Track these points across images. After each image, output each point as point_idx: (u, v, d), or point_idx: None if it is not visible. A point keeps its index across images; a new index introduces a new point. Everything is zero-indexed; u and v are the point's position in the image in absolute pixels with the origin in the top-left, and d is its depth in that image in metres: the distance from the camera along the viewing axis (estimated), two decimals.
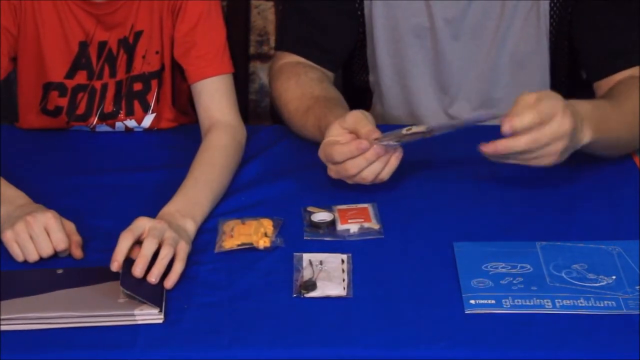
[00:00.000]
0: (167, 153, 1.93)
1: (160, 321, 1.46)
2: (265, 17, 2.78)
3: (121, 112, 1.97)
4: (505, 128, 1.59)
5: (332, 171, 1.72)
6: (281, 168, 1.87)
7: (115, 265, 1.51)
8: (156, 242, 1.54)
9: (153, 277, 1.51)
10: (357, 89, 2.16)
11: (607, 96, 1.84)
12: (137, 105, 1.97)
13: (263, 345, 1.42)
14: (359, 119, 1.69)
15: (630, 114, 1.80)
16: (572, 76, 2.09)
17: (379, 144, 1.66)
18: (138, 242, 1.55)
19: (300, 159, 1.89)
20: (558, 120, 1.59)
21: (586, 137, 1.67)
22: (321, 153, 1.71)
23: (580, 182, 1.80)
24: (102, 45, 1.92)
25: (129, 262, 1.52)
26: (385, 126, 1.77)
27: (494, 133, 1.63)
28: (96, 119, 1.96)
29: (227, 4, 2.43)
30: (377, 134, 1.66)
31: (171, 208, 1.65)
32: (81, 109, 1.95)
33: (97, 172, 1.86)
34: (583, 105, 1.68)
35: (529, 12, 1.97)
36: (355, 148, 1.65)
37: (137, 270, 1.50)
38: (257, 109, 2.82)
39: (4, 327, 1.44)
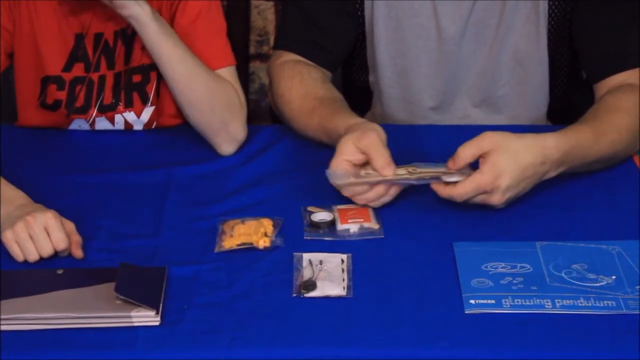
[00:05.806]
0: (167, 153, 1.93)
1: (157, 323, 1.45)
2: (265, 17, 2.78)
3: (120, 103, 1.96)
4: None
5: (336, 186, 1.71)
6: (281, 168, 1.87)
7: None
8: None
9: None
10: (357, 89, 2.15)
11: (594, 113, 1.83)
12: (136, 97, 1.96)
13: (263, 345, 1.42)
14: (374, 143, 1.68)
15: (615, 131, 1.79)
16: (572, 76, 2.09)
17: (391, 183, 1.67)
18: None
19: (300, 159, 1.89)
20: (489, 197, 1.66)
21: (553, 174, 1.72)
22: (334, 168, 1.70)
23: (580, 182, 1.80)
24: (98, 37, 1.92)
25: (124, 267, 1.52)
26: (385, 127, 1.76)
27: None
28: (95, 111, 1.96)
29: (227, 4, 2.43)
30: (390, 170, 1.66)
31: None
32: (80, 102, 1.95)
33: (97, 171, 1.86)
34: (559, 147, 1.70)
35: (530, 11, 1.97)
36: (374, 195, 1.68)
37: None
38: (257, 109, 2.82)
39: (4, 327, 1.44)
